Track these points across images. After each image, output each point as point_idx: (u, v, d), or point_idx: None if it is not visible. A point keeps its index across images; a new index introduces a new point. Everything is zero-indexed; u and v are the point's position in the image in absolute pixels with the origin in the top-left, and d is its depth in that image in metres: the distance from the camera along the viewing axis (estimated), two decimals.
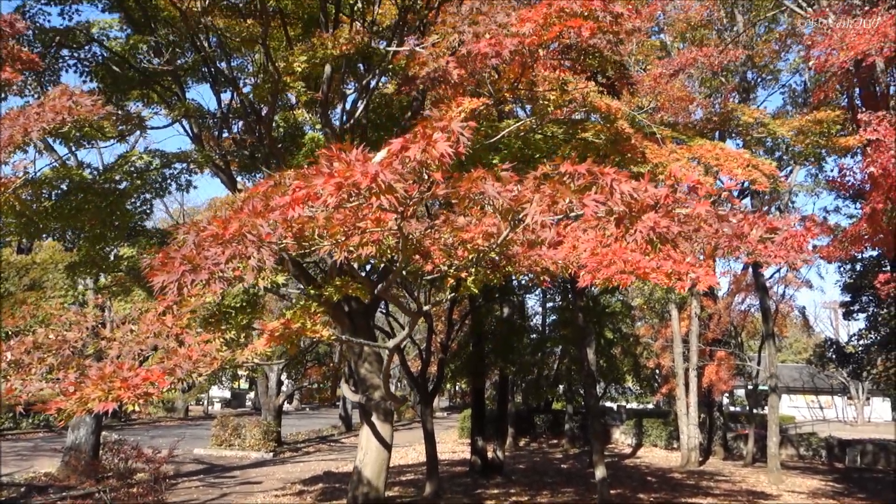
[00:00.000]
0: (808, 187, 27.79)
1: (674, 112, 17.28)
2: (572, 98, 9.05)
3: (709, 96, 24.10)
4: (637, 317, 36.46)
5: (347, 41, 8.84)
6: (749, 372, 29.44)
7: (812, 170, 24.66)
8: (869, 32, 12.66)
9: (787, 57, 26.55)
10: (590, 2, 6.92)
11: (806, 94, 25.67)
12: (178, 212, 34.47)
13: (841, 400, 58.57)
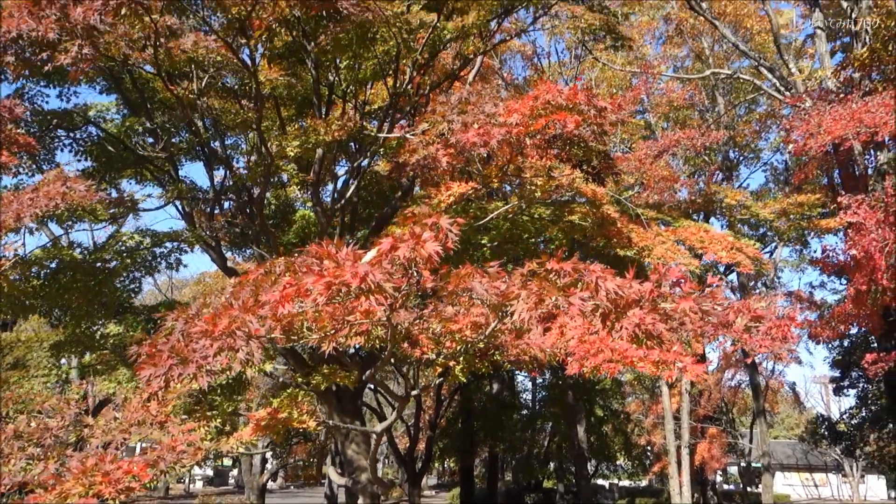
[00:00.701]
0: (794, 263, 28.12)
1: (659, 191, 17.64)
2: (559, 184, 9.26)
3: (693, 174, 24.64)
4: (627, 392, 36.17)
5: (339, 127, 9.07)
6: (741, 449, 29.07)
7: (797, 246, 25.00)
8: (845, 118, 13.10)
9: (767, 136, 27.33)
10: (574, 96, 7.17)
11: (787, 172, 26.28)
12: (167, 284, 34.36)
13: (836, 478, 57.64)
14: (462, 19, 10.32)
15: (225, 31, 8.97)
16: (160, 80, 9.41)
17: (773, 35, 18.14)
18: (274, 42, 10.22)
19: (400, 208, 12.78)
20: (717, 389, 28.30)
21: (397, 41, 9.76)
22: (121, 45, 8.50)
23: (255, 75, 8.80)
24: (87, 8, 6.54)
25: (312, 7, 7.65)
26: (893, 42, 15.62)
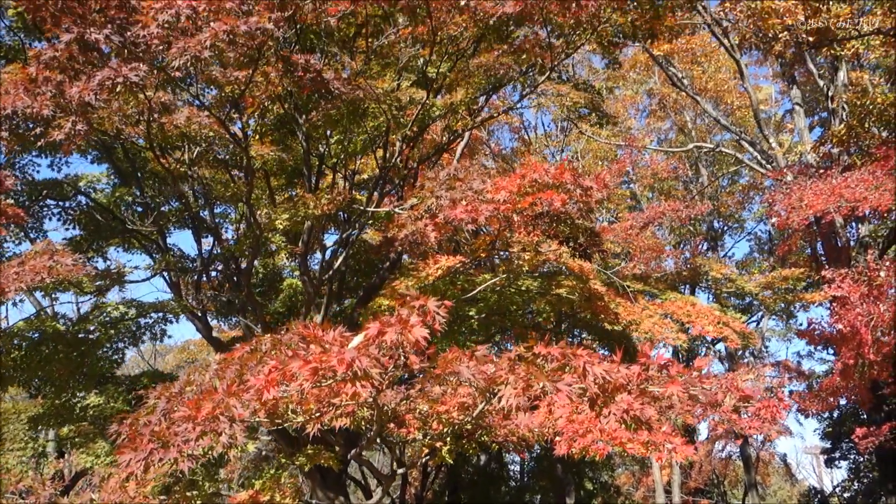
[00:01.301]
0: (781, 332, 28.18)
1: (645, 261, 17.79)
2: (546, 258, 9.34)
3: (678, 244, 24.91)
4: (617, 464, 35.54)
5: (329, 201, 9.16)
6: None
7: (783, 318, 25.12)
8: (826, 193, 13.38)
9: (751, 207, 27.80)
10: (561, 175, 7.30)
11: (771, 242, 26.63)
12: (151, 351, 33.86)
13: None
14: (451, 96, 10.57)
15: (218, 107, 9.13)
16: (152, 153, 9.50)
17: (753, 111, 18.66)
18: (266, 116, 10.40)
19: (388, 279, 12.80)
20: (707, 461, 27.90)
21: (387, 117, 9.96)
22: (114, 120, 8.63)
23: (247, 151, 8.92)
24: (84, 87, 6.65)
25: (305, 87, 7.83)
26: (869, 119, 16.10)
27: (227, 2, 6.72)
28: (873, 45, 15.69)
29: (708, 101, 23.13)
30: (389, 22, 11.18)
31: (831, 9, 13.98)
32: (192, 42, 6.43)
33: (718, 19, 18.11)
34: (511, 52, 10.14)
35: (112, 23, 6.73)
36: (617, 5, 9.49)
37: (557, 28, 9.87)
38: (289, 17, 7.21)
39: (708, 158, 25.35)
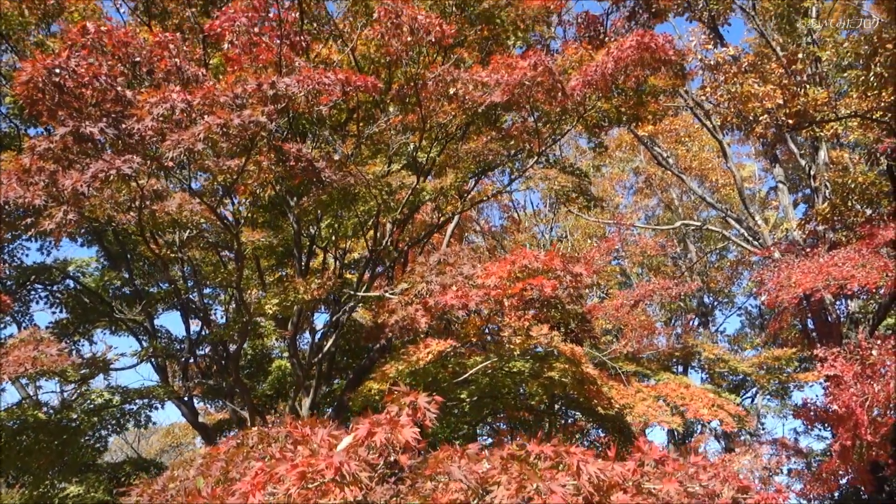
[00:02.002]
0: (776, 409, 27.89)
1: (637, 339, 17.72)
2: (537, 342, 9.30)
3: (669, 320, 24.89)
4: None
5: (319, 286, 9.14)
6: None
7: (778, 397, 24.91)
8: (814, 271, 13.48)
9: (740, 282, 27.96)
10: (550, 261, 7.34)
11: (762, 317, 26.66)
12: (135, 434, 33.05)
13: None
14: (440, 181, 10.72)
15: (210, 192, 9.21)
16: (143, 240, 9.51)
17: (738, 189, 19.01)
18: (257, 203, 10.49)
19: (378, 361, 12.66)
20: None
21: (377, 202, 10.06)
22: (106, 208, 8.67)
23: (237, 237, 8.95)
24: (77, 179, 6.70)
25: (297, 176, 7.92)
26: (852, 197, 16.41)
27: (221, 95, 6.87)
28: (851, 126, 16.14)
29: (693, 180, 23.58)
30: (380, 108, 11.44)
31: (809, 93, 14.43)
32: (185, 135, 6.53)
33: (700, 102, 18.64)
34: (500, 138, 10.35)
35: (107, 116, 6.84)
36: (602, 93, 9.76)
37: (544, 115, 10.12)
38: (281, 109, 7.36)
39: (695, 235, 25.64)
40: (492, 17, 10.93)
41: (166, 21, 11.53)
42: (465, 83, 8.97)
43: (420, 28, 8.42)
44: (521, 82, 8.58)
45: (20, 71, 6.54)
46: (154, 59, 8.13)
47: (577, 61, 10.55)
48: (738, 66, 14.63)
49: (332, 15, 11.36)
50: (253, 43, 8.50)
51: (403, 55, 9.05)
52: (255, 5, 8.16)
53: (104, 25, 8.00)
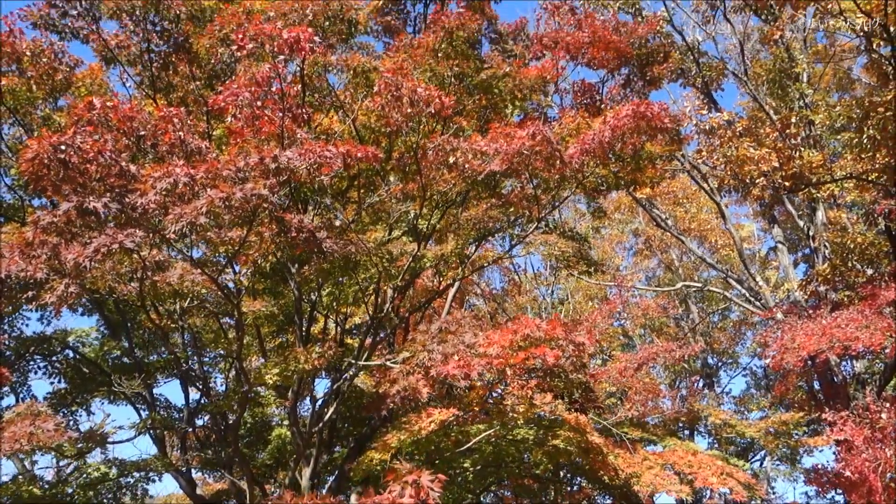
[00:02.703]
0: (786, 472, 27.30)
1: (641, 402, 17.48)
2: (541, 410, 9.17)
3: (674, 382, 24.62)
4: None
5: (319, 356, 9.07)
6: None
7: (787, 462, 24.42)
8: (817, 333, 13.40)
9: (743, 342, 27.74)
10: (553, 330, 7.30)
11: (767, 378, 26.35)
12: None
13: None
14: (441, 247, 10.76)
15: (211, 262, 9.24)
16: (144, 311, 9.50)
17: (738, 251, 19.08)
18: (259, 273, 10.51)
19: (380, 430, 12.46)
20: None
21: (378, 269, 10.07)
22: (107, 279, 8.68)
23: (238, 307, 8.93)
24: (79, 254, 6.73)
25: (298, 247, 7.97)
26: (852, 258, 16.44)
27: (223, 169, 6.96)
28: (847, 187, 16.30)
29: (692, 240, 23.69)
30: (381, 176, 11.59)
31: (804, 156, 14.61)
32: (188, 209, 6.59)
33: (696, 164, 18.89)
34: (499, 205, 10.44)
35: (111, 190, 6.92)
36: (600, 160, 9.89)
37: (543, 182, 10.23)
38: (283, 181, 7.45)
39: (697, 296, 25.59)
40: (490, 88, 11.17)
41: (171, 94, 11.78)
42: (465, 152, 9.09)
43: (420, 100, 8.59)
44: (519, 151, 8.70)
45: (26, 148, 6.65)
46: (158, 133, 8.27)
47: (574, 129, 10.73)
48: (733, 130, 14.86)
49: (333, 86, 11.61)
50: (255, 116, 8.66)
51: (403, 125, 9.22)
52: (258, 80, 8.34)
53: (110, 101, 8.17)
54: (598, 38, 12.15)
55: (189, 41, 11.04)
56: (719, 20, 19.42)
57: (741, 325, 25.67)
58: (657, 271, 28.08)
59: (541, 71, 11.25)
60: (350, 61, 10.61)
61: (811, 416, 18.87)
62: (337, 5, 10.04)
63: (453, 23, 10.60)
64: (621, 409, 14.60)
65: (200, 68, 11.30)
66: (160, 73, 11.31)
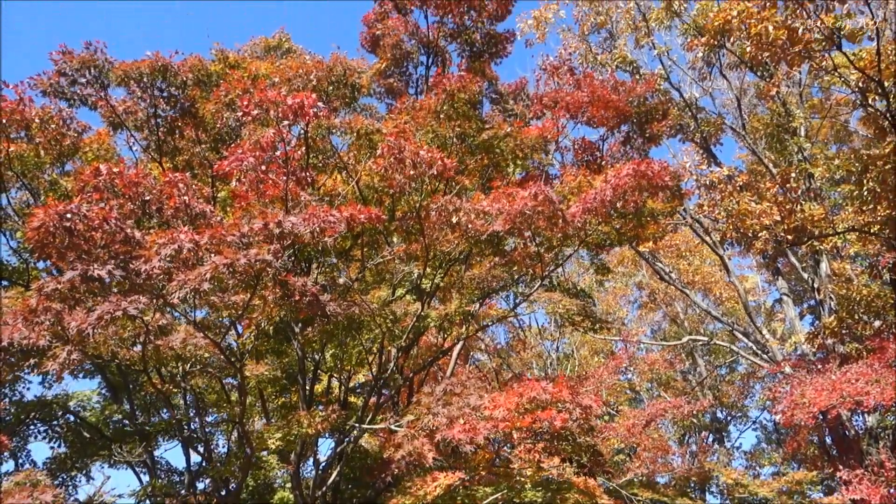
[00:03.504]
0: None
1: (651, 460, 17.16)
2: (548, 474, 8.99)
3: (683, 437, 24.21)
4: None
5: (323, 419, 8.96)
6: None
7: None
8: (827, 389, 13.22)
9: (752, 395, 27.35)
10: (559, 392, 7.22)
11: (778, 432, 25.91)
12: None
13: None
14: (445, 307, 10.73)
15: (214, 326, 9.21)
16: (146, 375, 9.43)
17: (743, 304, 18.99)
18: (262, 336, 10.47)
19: (384, 493, 12.21)
20: None
21: (382, 330, 10.03)
22: (110, 344, 8.64)
23: (241, 371, 8.87)
24: (83, 322, 6.72)
25: (301, 311, 7.95)
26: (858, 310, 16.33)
27: (227, 235, 6.99)
28: (850, 239, 16.30)
29: (697, 293, 23.60)
30: (384, 235, 11.63)
31: (805, 209, 14.65)
32: (192, 275, 6.60)
33: (698, 218, 18.95)
34: (502, 264, 10.45)
35: (116, 257, 6.94)
36: (601, 218, 9.93)
37: (546, 240, 10.25)
38: (287, 245, 7.47)
39: (704, 349, 25.37)
40: (491, 147, 11.30)
41: (177, 157, 11.95)
42: (468, 212, 9.14)
43: (422, 162, 8.69)
44: (522, 211, 8.75)
45: (32, 216, 6.70)
46: (163, 198, 8.35)
47: (576, 187, 10.81)
48: (734, 184, 14.97)
49: (336, 148, 11.76)
50: (260, 180, 8.74)
51: (406, 186, 9.29)
52: (263, 145, 8.46)
53: (116, 167, 8.27)
54: (598, 97, 12.35)
55: (195, 106, 11.24)
56: (716, 76, 19.75)
57: (749, 378, 25.37)
58: (662, 324, 27.90)
59: (541, 131, 11.40)
60: (353, 124, 10.76)
61: (824, 473, 18.48)
62: (340, 71, 10.26)
63: (455, 85, 10.79)
64: (630, 467, 14.31)
65: (206, 132, 11.48)
66: (166, 137, 11.49)
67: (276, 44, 14.05)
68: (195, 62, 11.50)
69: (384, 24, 14.12)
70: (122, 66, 10.54)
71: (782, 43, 12.11)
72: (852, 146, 22.20)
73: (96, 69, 10.57)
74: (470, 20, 13.78)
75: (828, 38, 12.02)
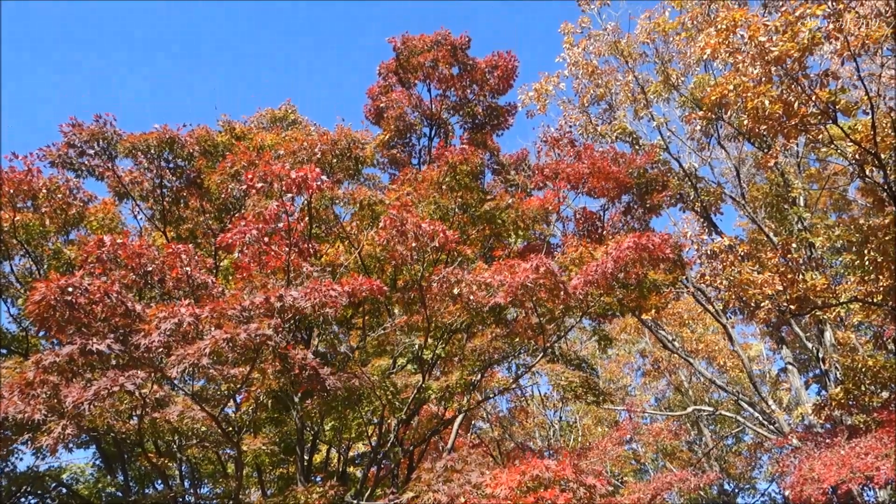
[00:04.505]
0: None
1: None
2: None
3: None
4: None
5: (320, 496, 8.75)
6: None
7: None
8: (836, 464, 12.94)
9: (759, 466, 26.80)
10: (562, 470, 7.07)
11: None
12: None
13: None
14: (446, 378, 10.62)
15: (212, 398, 9.11)
16: (141, 449, 9.26)
17: (748, 373, 18.79)
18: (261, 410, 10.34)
19: None
20: None
21: (383, 402, 9.90)
22: (106, 417, 8.52)
23: (238, 446, 8.72)
24: (79, 397, 6.65)
25: (301, 385, 7.87)
26: (864, 381, 16.13)
27: (228, 308, 6.98)
28: (853, 309, 16.24)
29: (701, 361, 23.38)
30: (386, 306, 11.61)
31: (807, 279, 14.64)
32: (191, 350, 6.55)
33: (700, 287, 18.92)
34: (504, 335, 10.39)
35: (115, 331, 6.91)
36: (603, 290, 9.92)
37: (548, 312, 10.22)
38: (288, 319, 7.45)
39: (709, 418, 24.97)
40: (493, 218, 11.39)
41: (181, 226, 12.04)
42: (469, 284, 9.14)
43: (424, 235, 8.74)
44: (523, 284, 8.75)
45: (34, 290, 6.70)
46: (166, 269, 8.38)
47: (577, 258, 10.84)
48: (735, 254, 14.99)
49: (339, 217, 11.86)
50: (262, 251, 8.79)
51: (408, 258, 9.32)
52: (266, 217, 8.54)
53: (120, 237, 8.33)
54: (598, 168, 12.51)
55: (201, 177, 11.39)
56: (714, 146, 20.04)
57: (756, 448, 24.88)
58: (666, 392, 27.54)
59: (543, 202, 11.51)
60: (356, 195, 10.89)
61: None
62: (345, 144, 10.43)
63: (457, 158, 10.95)
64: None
65: (210, 202, 11.60)
66: (171, 206, 11.60)
67: (282, 115, 14.33)
68: (202, 133, 11.72)
69: (388, 97, 14.44)
70: (130, 138, 10.74)
71: (778, 116, 12.32)
72: (851, 215, 22.36)
73: (105, 141, 10.76)
74: (472, 94, 14.09)
75: (823, 112, 12.24)
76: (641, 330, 24.83)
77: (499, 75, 14.72)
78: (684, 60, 17.98)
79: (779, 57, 11.46)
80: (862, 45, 11.51)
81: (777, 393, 24.36)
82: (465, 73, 14.19)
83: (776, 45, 11.43)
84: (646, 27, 17.75)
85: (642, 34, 17.81)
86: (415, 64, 14.19)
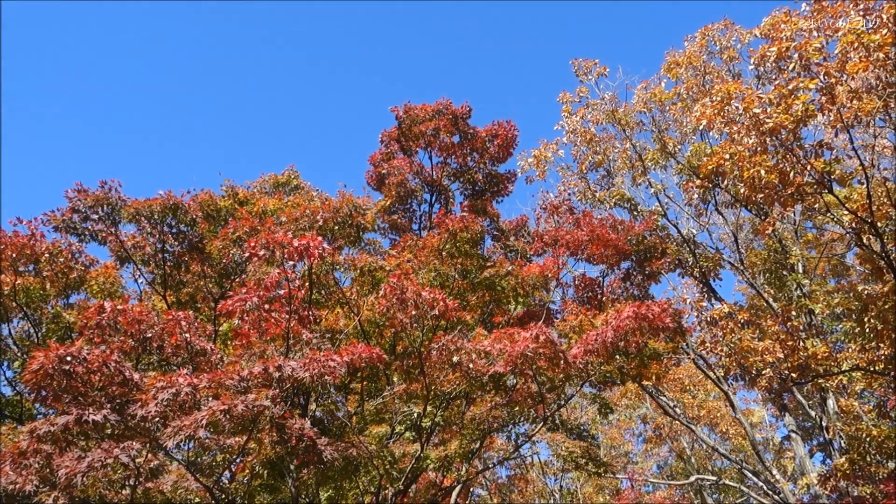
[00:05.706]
0: None
1: None
2: None
3: None
4: None
5: None
6: None
7: None
8: None
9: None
10: None
11: None
12: None
13: None
14: (445, 448, 10.47)
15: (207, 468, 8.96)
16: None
17: (750, 442, 18.52)
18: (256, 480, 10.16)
19: None
20: None
21: (380, 472, 9.73)
22: (98, 487, 8.36)
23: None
24: (72, 469, 6.55)
25: (298, 457, 7.76)
26: (870, 451, 15.87)
27: (226, 379, 6.94)
28: (855, 377, 16.10)
29: (703, 428, 23.05)
30: (385, 373, 11.52)
31: (808, 346, 14.57)
32: (188, 421, 6.49)
33: (701, 354, 18.81)
34: (504, 404, 10.29)
35: (112, 401, 6.86)
36: (603, 359, 9.87)
37: (548, 380, 10.15)
38: (286, 388, 7.40)
39: (712, 487, 24.47)
40: (493, 285, 11.42)
41: (182, 290, 12.05)
42: (469, 353, 9.11)
43: (424, 303, 8.76)
44: (523, 353, 8.72)
45: (32, 359, 6.68)
46: (165, 335, 8.36)
47: (577, 326, 10.83)
48: (735, 321, 14.97)
49: (339, 282, 11.89)
50: (262, 318, 8.79)
51: (408, 326, 9.31)
52: (267, 285, 8.57)
53: (120, 304, 8.34)
54: (597, 236, 12.61)
55: (203, 242, 11.47)
56: (712, 212, 20.22)
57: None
58: (669, 459, 27.06)
59: (542, 269, 11.56)
60: (357, 261, 10.94)
61: None
62: (346, 211, 10.55)
63: (457, 225, 11.05)
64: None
65: (212, 266, 11.65)
66: (172, 271, 11.64)
67: (284, 180, 14.52)
68: (205, 198, 11.86)
69: (390, 164, 14.66)
70: (134, 203, 10.86)
71: (775, 185, 12.48)
72: (850, 280, 22.37)
73: (109, 206, 10.87)
74: (473, 161, 14.32)
75: (819, 181, 12.40)
76: (642, 395, 24.56)
77: (499, 144, 14.98)
78: (680, 129, 18.31)
79: (773, 128, 11.67)
80: (855, 116, 11.74)
81: (781, 461, 23.93)
82: (465, 142, 14.44)
83: (771, 116, 11.66)
84: (642, 97, 18.14)
85: (639, 103, 18.19)
86: (416, 132, 14.46)
